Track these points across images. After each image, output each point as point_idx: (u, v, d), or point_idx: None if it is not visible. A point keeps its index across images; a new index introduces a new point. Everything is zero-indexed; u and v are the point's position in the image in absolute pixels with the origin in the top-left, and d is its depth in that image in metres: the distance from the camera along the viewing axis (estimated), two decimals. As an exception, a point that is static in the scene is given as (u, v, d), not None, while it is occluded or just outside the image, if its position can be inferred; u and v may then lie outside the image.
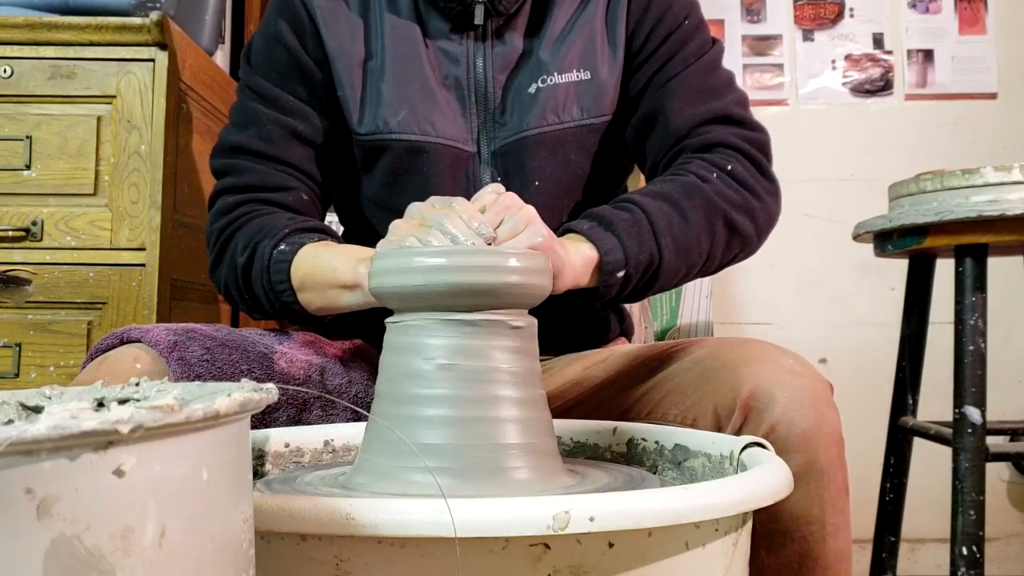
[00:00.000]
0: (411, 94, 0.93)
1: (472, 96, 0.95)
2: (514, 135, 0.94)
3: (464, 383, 0.61)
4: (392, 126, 0.93)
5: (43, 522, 0.28)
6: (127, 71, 1.23)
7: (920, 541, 2.21)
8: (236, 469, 0.37)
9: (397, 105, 0.93)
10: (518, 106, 0.94)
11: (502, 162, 0.95)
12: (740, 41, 2.38)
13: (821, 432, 0.72)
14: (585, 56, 0.95)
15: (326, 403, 0.89)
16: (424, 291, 0.61)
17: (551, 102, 0.93)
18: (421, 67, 0.94)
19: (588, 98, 0.94)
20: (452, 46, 0.96)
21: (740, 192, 0.87)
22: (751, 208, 0.88)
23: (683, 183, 0.85)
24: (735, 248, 0.88)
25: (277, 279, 0.84)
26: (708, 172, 0.86)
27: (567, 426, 0.83)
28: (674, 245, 0.81)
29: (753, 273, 2.30)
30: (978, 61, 2.35)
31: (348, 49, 0.95)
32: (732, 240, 0.87)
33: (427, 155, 0.93)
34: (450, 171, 0.94)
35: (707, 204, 0.84)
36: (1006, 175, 1.40)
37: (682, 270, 0.83)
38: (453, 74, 0.95)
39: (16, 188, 1.22)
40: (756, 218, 0.88)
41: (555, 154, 0.94)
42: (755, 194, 0.88)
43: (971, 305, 1.44)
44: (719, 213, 0.85)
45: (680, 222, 0.82)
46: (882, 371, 1.93)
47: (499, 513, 0.45)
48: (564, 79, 0.94)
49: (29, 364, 1.20)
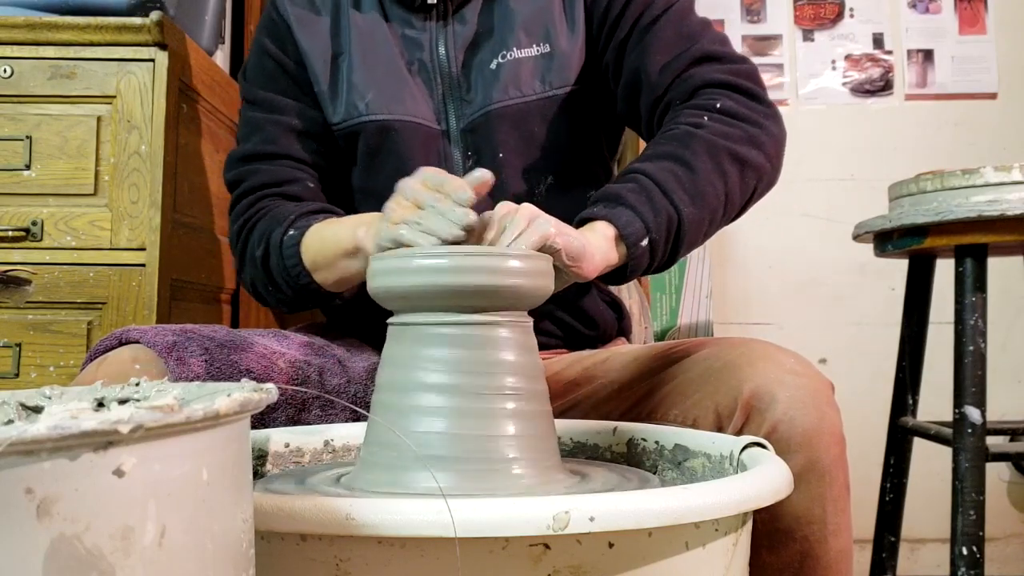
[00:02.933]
0: (378, 77, 0.98)
1: (437, 77, 0.98)
2: (478, 111, 0.97)
3: (465, 375, 0.61)
4: (361, 109, 0.98)
5: (43, 522, 0.28)
6: (127, 71, 1.23)
7: (920, 541, 2.21)
8: (236, 469, 0.37)
9: (364, 89, 0.98)
10: (481, 82, 0.97)
11: (471, 139, 0.97)
12: (740, 41, 2.38)
13: (823, 432, 0.72)
14: (542, 29, 0.97)
15: (325, 403, 0.89)
16: (424, 292, 0.62)
17: (511, 76, 0.96)
18: (386, 52, 0.99)
19: (550, 71, 0.96)
20: (414, 32, 1.00)
21: (737, 125, 0.85)
22: (754, 137, 0.85)
23: (676, 136, 0.84)
24: (751, 182, 0.86)
25: (291, 263, 0.89)
26: (698, 117, 0.85)
27: (567, 426, 0.83)
28: (688, 198, 0.79)
29: (753, 273, 2.29)
30: (978, 61, 2.35)
31: (320, 47, 1.01)
32: (745, 174, 0.84)
33: (397, 133, 0.97)
34: (422, 150, 0.97)
35: (708, 147, 0.82)
36: (1006, 175, 1.40)
37: (705, 219, 0.82)
38: (417, 58, 0.99)
39: (16, 188, 1.22)
40: (762, 145, 0.86)
41: (518, 127, 0.96)
42: (753, 123, 0.86)
43: (971, 305, 1.44)
44: (723, 152, 0.83)
45: (686, 173, 0.80)
46: (882, 371, 1.93)
47: (499, 513, 0.45)
48: (524, 53, 0.96)
49: (29, 364, 1.20)
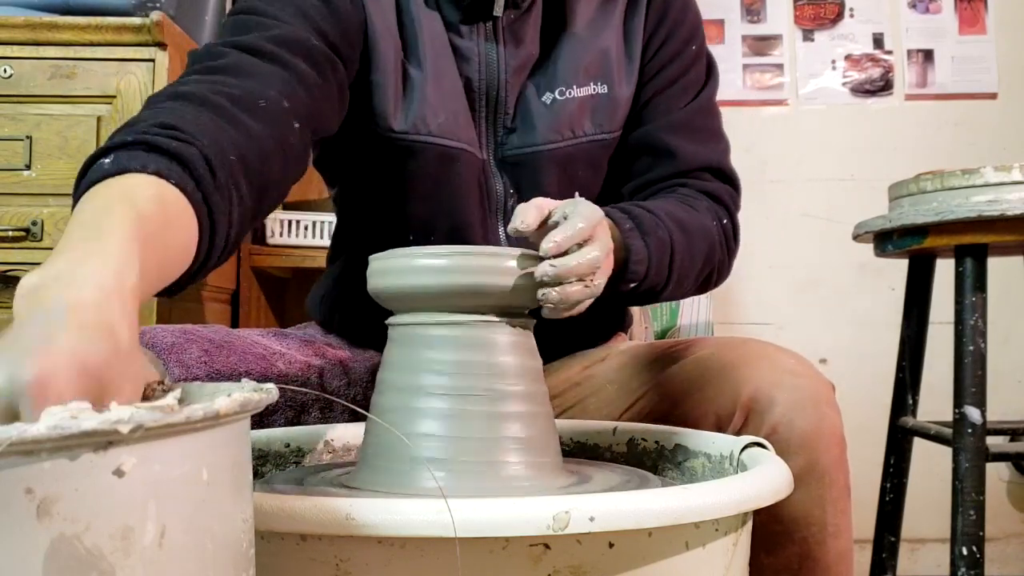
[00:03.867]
0: (446, 95, 0.87)
1: (484, 98, 0.89)
2: (527, 147, 0.90)
3: (465, 376, 0.61)
4: (433, 128, 0.86)
5: (43, 522, 0.28)
6: (127, 71, 1.23)
7: (920, 541, 2.21)
8: (236, 469, 0.37)
9: (438, 107, 0.86)
10: (531, 115, 0.89)
11: (512, 172, 0.90)
12: (740, 41, 2.38)
13: (822, 433, 0.72)
14: (603, 68, 0.91)
15: (325, 404, 0.89)
16: (424, 292, 0.62)
17: (566, 116, 0.89)
18: (452, 67, 0.88)
19: (602, 113, 0.91)
20: (463, 41, 0.88)
21: (724, 249, 0.90)
22: (723, 267, 0.91)
23: (702, 224, 0.86)
24: (689, 292, 0.90)
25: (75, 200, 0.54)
26: (712, 220, 0.88)
27: (567, 426, 0.83)
28: (677, 278, 0.82)
29: (753, 273, 2.29)
30: (978, 61, 2.35)
31: (391, 31, 0.85)
32: (701, 286, 0.90)
33: (459, 164, 0.88)
34: (467, 178, 0.89)
35: (708, 253, 0.86)
36: (1006, 175, 1.40)
37: (665, 296, 0.85)
38: (465, 74, 0.88)
39: (16, 188, 1.22)
40: (722, 275, 0.93)
41: (564, 168, 0.91)
42: (730, 256, 0.93)
43: (971, 305, 1.44)
44: (709, 264, 0.87)
45: (688, 262, 0.83)
46: (882, 371, 1.93)
47: (499, 513, 0.45)
48: (581, 92, 0.90)
49: (29, 364, 1.19)
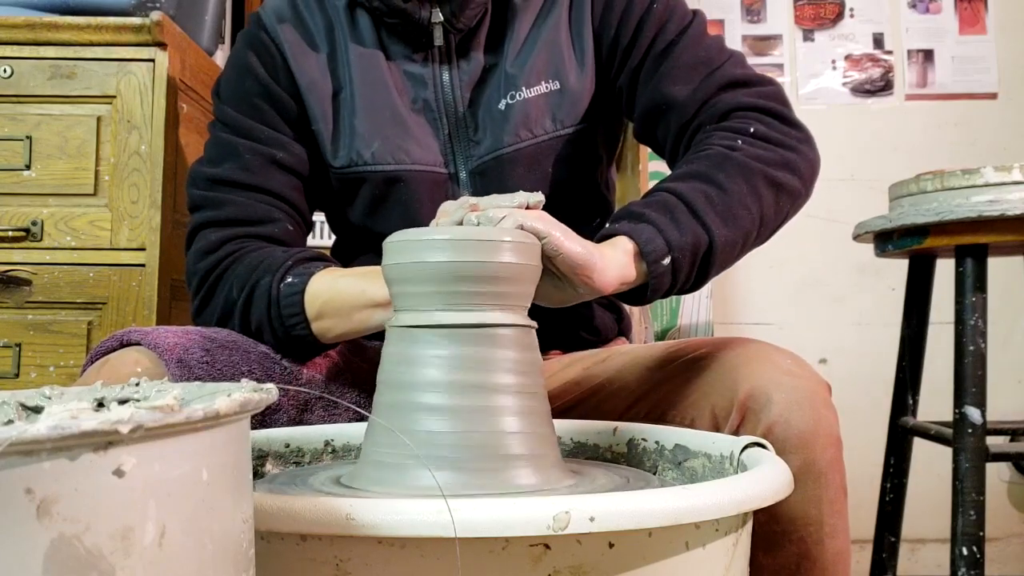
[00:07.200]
0: (382, 124, 0.93)
1: (443, 117, 0.95)
2: (489, 153, 0.94)
3: (464, 372, 0.61)
4: (366, 157, 0.94)
5: (43, 522, 0.28)
6: (127, 71, 1.23)
7: (920, 541, 2.21)
8: (236, 469, 0.37)
9: (369, 137, 0.93)
10: (490, 123, 0.94)
11: (480, 181, 0.94)
12: (740, 41, 2.38)
13: (819, 433, 0.72)
14: (552, 66, 0.94)
15: (328, 404, 0.89)
16: (424, 269, 0.62)
17: (522, 117, 0.93)
18: (389, 95, 0.94)
19: (560, 109, 0.94)
20: (417, 68, 0.95)
21: (772, 149, 0.83)
22: (789, 162, 0.84)
23: (709, 156, 0.82)
24: (785, 206, 0.84)
25: (289, 312, 0.83)
26: (732, 140, 0.83)
27: (567, 426, 0.83)
28: (720, 219, 0.77)
29: (753, 273, 2.30)
30: (978, 61, 2.35)
31: (319, 83, 0.95)
32: (780, 198, 0.83)
33: (405, 183, 0.94)
34: (429, 195, 0.94)
35: (742, 170, 0.80)
36: (1006, 175, 1.40)
37: (738, 241, 0.79)
38: (422, 97, 0.95)
39: (16, 188, 1.22)
40: (798, 169, 0.84)
41: (532, 169, 0.94)
42: (788, 147, 0.85)
43: (971, 305, 1.44)
44: (758, 175, 0.81)
45: (719, 194, 0.78)
46: (882, 371, 1.93)
47: (499, 513, 0.45)
48: (533, 92, 0.93)
49: (29, 364, 1.20)
